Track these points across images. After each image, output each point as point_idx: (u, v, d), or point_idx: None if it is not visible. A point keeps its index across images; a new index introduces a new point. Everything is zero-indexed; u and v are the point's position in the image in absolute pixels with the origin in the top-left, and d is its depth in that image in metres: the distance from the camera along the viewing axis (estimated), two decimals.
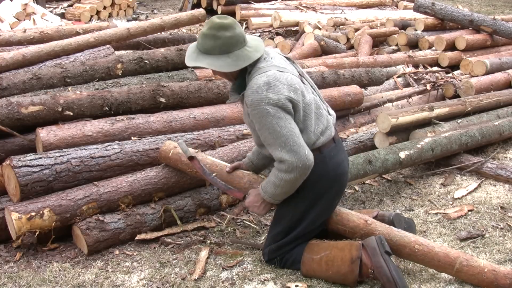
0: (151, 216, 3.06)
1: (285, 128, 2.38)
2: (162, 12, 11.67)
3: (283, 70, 2.48)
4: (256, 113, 2.40)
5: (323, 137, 2.56)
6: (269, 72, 2.43)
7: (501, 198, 3.60)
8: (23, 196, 2.85)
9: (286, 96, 2.39)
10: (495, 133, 4.23)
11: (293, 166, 2.39)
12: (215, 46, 2.43)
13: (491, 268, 2.52)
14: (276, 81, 2.40)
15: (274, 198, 2.57)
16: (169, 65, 4.54)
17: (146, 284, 2.64)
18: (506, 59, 5.91)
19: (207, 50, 2.46)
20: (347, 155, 2.78)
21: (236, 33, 2.45)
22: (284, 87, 2.40)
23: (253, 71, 2.48)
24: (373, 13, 9.36)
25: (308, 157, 2.41)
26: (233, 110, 3.85)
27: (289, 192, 2.54)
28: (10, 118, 3.22)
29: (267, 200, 2.60)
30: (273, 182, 2.50)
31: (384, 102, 4.72)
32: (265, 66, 2.47)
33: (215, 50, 2.44)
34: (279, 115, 2.38)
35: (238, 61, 2.44)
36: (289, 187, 2.50)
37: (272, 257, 2.73)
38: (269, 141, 2.43)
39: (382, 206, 3.50)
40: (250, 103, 2.41)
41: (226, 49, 2.43)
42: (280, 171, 2.44)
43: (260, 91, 2.38)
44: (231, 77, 2.58)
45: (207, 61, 2.45)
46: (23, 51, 4.56)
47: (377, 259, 2.51)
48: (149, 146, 3.26)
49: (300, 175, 2.44)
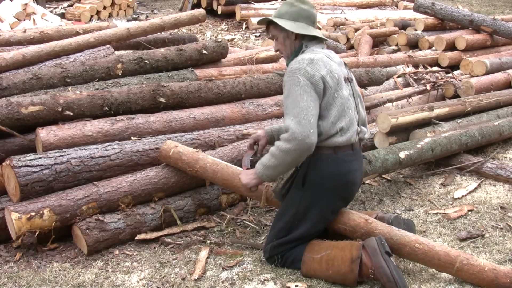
0: (151, 216, 3.06)
1: (306, 102, 2.47)
2: (162, 12, 11.67)
3: (333, 60, 2.66)
4: (289, 80, 2.54)
5: (342, 137, 2.58)
6: (318, 54, 2.61)
7: (501, 198, 3.59)
8: (23, 196, 2.85)
9: (322, 76, 2.53)
10: (495, 133, 4.23)
11: (294, 136, 2.44)
12: (288, 11, 2.66)
13: (491, 267, 2.52)
14: (319, 61, 2.57)
15: (264, 170, 2.58)
16: (169, 65, 4.55)
17: (146, 284, 2.64)
18: (506, 59, 5.91)
19: (279, 14, 2.68)
20: (362, 169, 2.81)
21: (310, 10, 2.69)
22: (324, 68, 2.55)
23: (306, 50, 2.66)
24: (373, 13, 9.36)
25: (310, 136, 2.45)
26: (233, 110, 3.86)
27: (280, 167, 2.54)
28: (10, 118, 3.22)
29: (258, 172, 2.62)
30: (271, 151, 2.57)
31: (384, 102, 4.72)
32: (318, 50, 2.65)
33: (286, 15, 2.66)
34: (306, 89, 2.49)
35: (302, 29, 2.64)
36: (281, 159, 2.50)
37: (273, 253, 2.73)
38: (287, 109, 2.52)
39: (382, 206, 3.50)
40: (289, 70, 2.57)
41: (296, 17, 2.65)
42: (281, 139, 2.50)
43: (302, 63, 2.54)
44: (288, 50, 2.71)
45: (277, 20, 2.65)
46: (23, 51, 4.56)
47: (378, 259, 2.51)
48: (149, 146, 3.26)
49: (295, 149, 2.45)
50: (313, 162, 2.61)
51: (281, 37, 2.68)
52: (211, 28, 9.98)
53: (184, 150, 3.10)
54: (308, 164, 2.62)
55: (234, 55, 5.44)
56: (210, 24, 10.21)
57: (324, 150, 2.59)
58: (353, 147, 2.66)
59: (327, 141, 2.56)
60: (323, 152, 2.59)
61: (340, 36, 7.28)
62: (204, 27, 9.92)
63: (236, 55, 5.45)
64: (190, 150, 3.12)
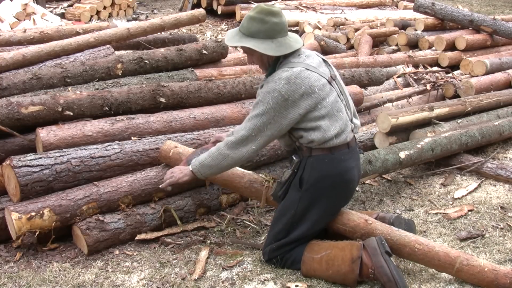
0: (151, 216, 3.06)
1: (262, 124, 2.51)
2: (162, 12, 11.66)
3: (311, 69, 2.54)
4: (261, 96, 2.52)
5: (337, 139, 2.57)
6: (296, 69, 2.51)
7: (501, 198, 3.60)
8: (23, 196, 2.85)
9: (300, 94, 2.48)
10: (495, 133, 4.23)
11: (236, 145, 2.56)
12: (261, 30, 2.52)
13: (491, 268, 2.52)
14: (297, 78, 2.49)
15: (199, 167, 2.68)
16: (169, 65, 4.55)
17: (146, 284, 2.64)
18: (506, 59, 5.91)
19: (252, 33, 2.53)
20: (360, 166, 2.79)
21: (282, 21, 2.55)
22: (302, 86, 2.48)
23: (284, 62, 2.57)
24: (373, 13, 9.35)
25: (250, 152, 2.56)
26: (233, 110, 3.86)
27: (214, 168, 2.65)
28: (10, 118, 3.22)
29: (193, 168, 2.70)
30: (210, 151, 2.66)
31: (384, 102, 4.72)
32: (295, 62, 2.55)
33: (260, 34, 2.52)
34: (271, 113, 2.49)
35: (281, 47, 2.53)
36: (217, 161, 2.62)
37: (272, 256, 2.73)
38: (248, 117, 2.57)
39: (382, 206, 3.50)
40: (265, 86, 2.53)
41: (271, 35, 2.52)
42: (224, 143, 2.60)
43: (278, 83, 2.48)
44: (266, 65, 2.65)
45: (252, 43, 2.53)
46: (23, 51, 4.56)
47: (378, 259, 2.51)
48: (149, 146, 3.26)
49: (232, 158, 2.59)
50: (310, 163, 2.60)
51: (257, 55, 2.58)
52: (211, 28, 9.98)
53: (184, 151, 3.10)
54: (305, 165, 2.62)
55: (234, 55, 5.44)
56: (210, 24, 10.21)
57: (320, 151, 2.58)
58: (349, 146, 2.65)
59: (322, 145, 2.56)
60: (319, 153, 2.59)
61: (340, 36, 7.28)
62: (204, 27, 9.92)
63: (236, 55, 5.46)
64: (190, 150, 3.12)
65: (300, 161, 2.63)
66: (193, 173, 2.72)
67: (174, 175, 2.78)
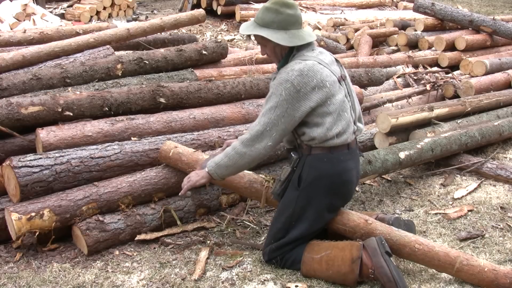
0: (151, 217, 3.06)
1: (277, 117, 2.50)
2: (162, 12, 11.67)
3: (324, 64, 2.56)
4: (274, 88, 2.53)
5: (338, 139, 2.58)
6: (309, 61, 2.53)
7: (501, 198, 3.60)
8: (23, 197, 2.85)
9: (312, 87, 2.49)
10: (495, 133, 4.23)
11: (252, 142, 2.55)
12: (275, 20, 2.53)
13: (491, 268, 2.52)
14: (309, 71, 2.50)
15: (215, 168, 2.67)
16: (169, 66, 4.55)
17: (146, 284, 2.64)
18: (506, 59, 5.91)
19: (266, 23, 2.55)
20: (359, 168, 2.80)
21: (296, 13, 2.57)
22: (314, 79, 2.50)
23: (297, 55, 2.59)
24: (373, 13, 9.36)
25: (266, 148, 2.55)
26: (233, 111, 3.86)
27: (231, 167, 2.64)
28: (10, 119, 3.22)
29: (209, 169, 2.69)
30: (226, 151, 2.64)
31: (384, 102, 4.72)
32: (308, 55, 2.57)
33: (274, 24, 2.54)
34: (284, 105, 2.49)
35: (294, 38, 2.54)
36: (234, 160, 2.61)
37: (272, 256, 2.73)
38: (261, 112, 2.57)
39: (382, 206, 3.50)
40: (278, 77, 2.53)
41: (285, 25, 2.54)
42: (239, 141, 2.59)
43: (291, 74, 2.49)
44: (279, 56, 2.65)
45: (265, 32, 2.54)
46: (23, 51, 4.56)
47: (378, 259, 2.51)
48: (149, 147, 3.26)
49: (249, 155, 2.57)
50: (309, 161, 2.61)
51: (271, 45, 2.60)
52: (211, 29, 9.98)
53: (183, 151, 3.10)
54: (304, 164, 2.62)
55: (234, 55, 5.44)
56: (210, 25, 10.22)
57: (319, 150, 2.59)
58: (349, 147, 2.65)
59: (322, 144, 2.57)
60: (318, 152, 2.59)
61: (340, 36, 7.28)
62: (204, 27, 9.93)
63: (236, 55, 5.45)
64: (190, 150, 3.12)
65: (299, 159, 2.64)
66: (210, 175, 2.71)
67: (191, 179, 2.77)
